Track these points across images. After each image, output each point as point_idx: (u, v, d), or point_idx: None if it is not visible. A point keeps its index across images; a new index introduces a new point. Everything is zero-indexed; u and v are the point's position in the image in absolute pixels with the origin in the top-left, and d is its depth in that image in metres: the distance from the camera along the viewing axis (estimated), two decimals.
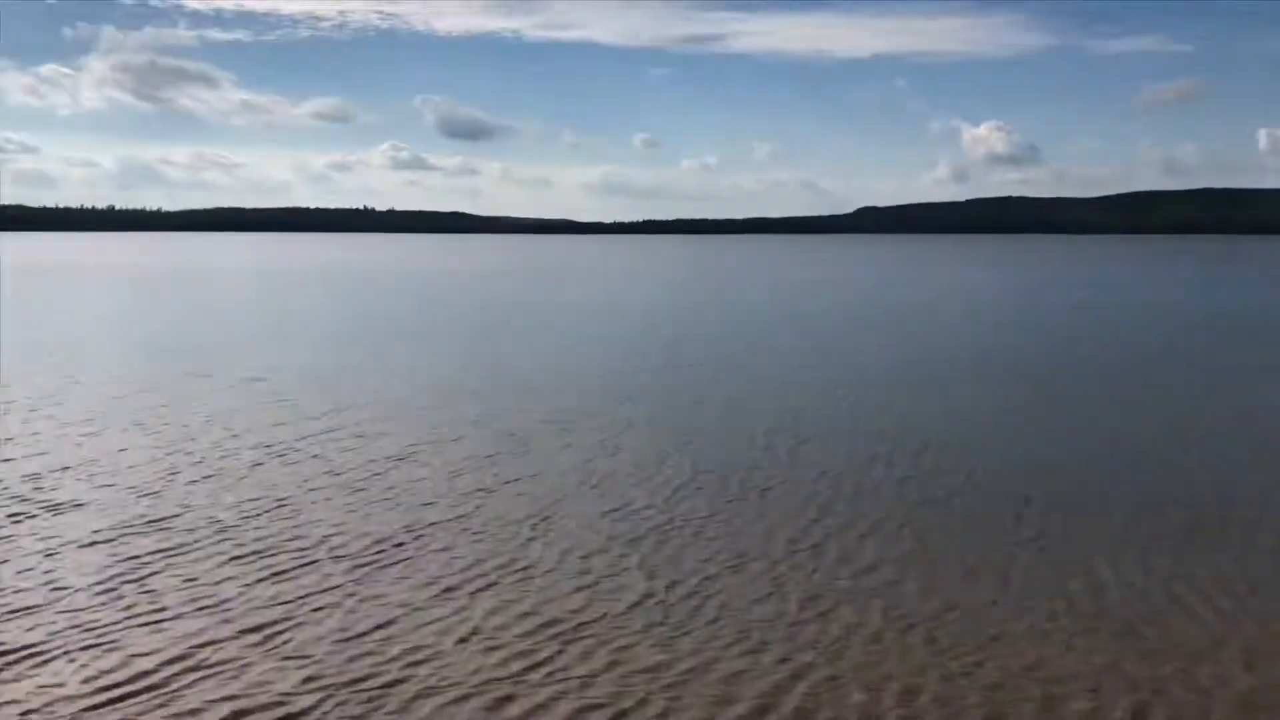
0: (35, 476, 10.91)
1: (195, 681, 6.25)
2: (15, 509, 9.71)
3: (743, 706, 6.15)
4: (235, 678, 6.32)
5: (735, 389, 17.61)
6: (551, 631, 7.12)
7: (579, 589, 7.94)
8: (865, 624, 7.35)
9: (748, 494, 10.74)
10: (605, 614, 7.43)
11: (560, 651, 6.81)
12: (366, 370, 19.64)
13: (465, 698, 6.16)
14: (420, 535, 9.17)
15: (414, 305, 40.57)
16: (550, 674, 6.49)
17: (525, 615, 7.39)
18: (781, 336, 26.96)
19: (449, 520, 9.63)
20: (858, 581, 8.18)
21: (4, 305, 37.25)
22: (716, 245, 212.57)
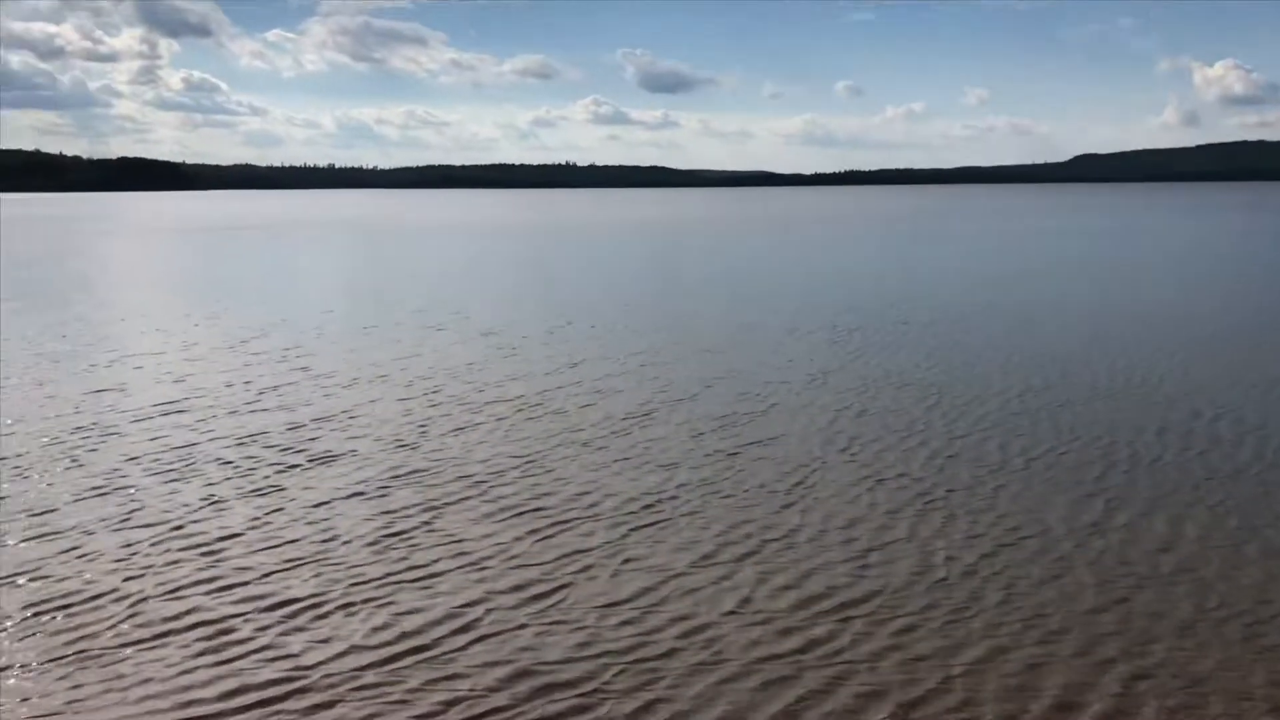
0: (296, 427, 11.37)
1: (469, 644, 6.21)
2: (279, 459, 10.10)
3: (1046, 700, 5.59)
4: (507, 642, 6.24)
5: (975, 348, 16.62)
6: (823, 606, 6.72)
7: (846, 561, 7.50)
8: (1171, 614, 6.59)
9: (1010, 461, 9.98)
10: (880, 590, 6.97)
11: (837, 630, 6.40)
12: (593, 325, 19.74)
13: (742, 675, 5.85)
14: (671, 497, 8.94)
15: (632, 259, 40.86)
16: (828, 654, 6.10)
17: (792, 587, 7.03)
18: (1016, 293, 25.43)
19: (698, 483, 9.37)
20: (1154, 564, 7.38)
21: (245, 260, 39.92)
22: (924, 195, 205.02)
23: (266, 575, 7.17)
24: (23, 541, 7.79)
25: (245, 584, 7.02)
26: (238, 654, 6.05)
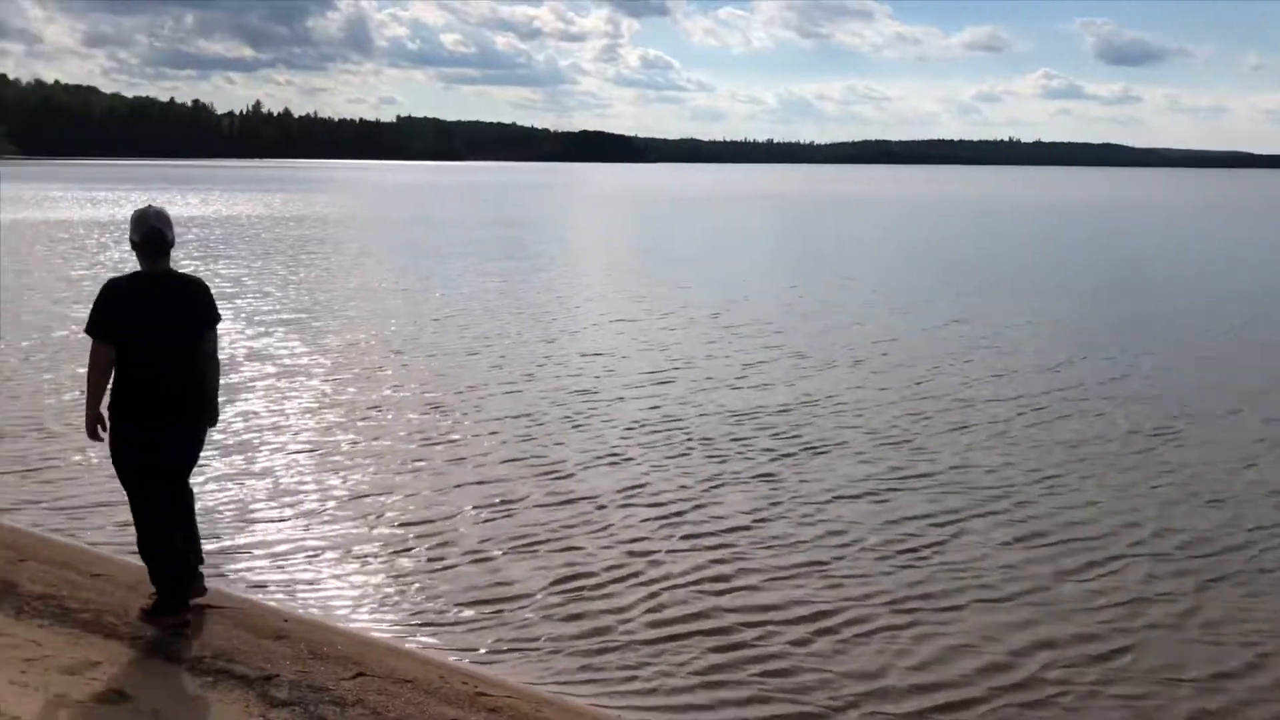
0: (785, 410, 10.98)
1: (1022, 708, 5.28)
2: (771, 444, 9.70)
3: None
4: (1063, 710, 5.23)
5: None
6: None
7: None
8: None
9: None
10: None
11: None
12: (1072, 317, 17.82)
13: None
14: (1243, 545, 7.36)
15: (1097, 245, 37.29)
16: None
17: None
18: None
19: (1271, 526, 7.70)
20: None
21: (701, 230, 41.33)
22: None
23: (774, 579, 6.67)
24: (542, 505, 7.96)
25: (754, 587, 6.56)
26: (748, 663, 5.57)
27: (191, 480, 5.55)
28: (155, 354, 5.03)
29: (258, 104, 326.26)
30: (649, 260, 27.81)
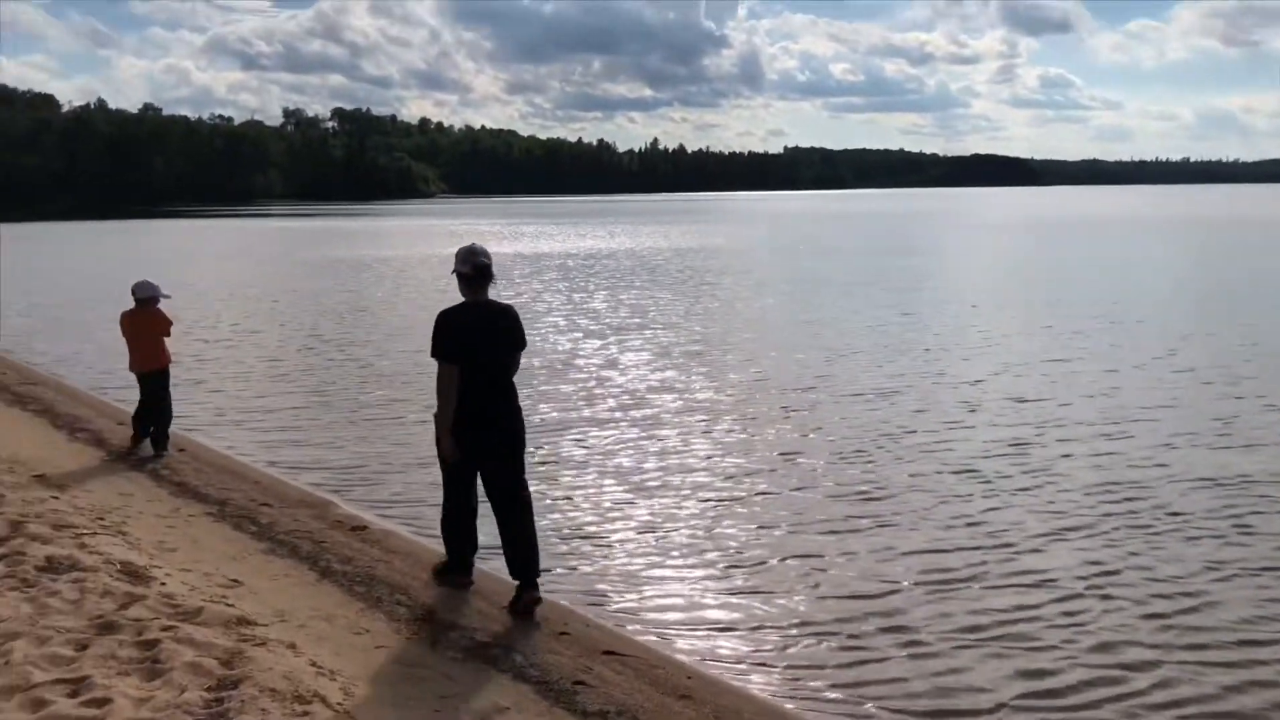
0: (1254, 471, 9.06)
1: None
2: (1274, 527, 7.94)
3: None
4: None
5: None
6: None
7: None
8: None
9: None
10: None
11: None
12: None
13: None
14: None
15: None
16: None
17: None
18: None
19: None
20: None
21: (1119, 260, 37.42)
22: None
23: None
24: (994, 587, 6.89)
25: None
26: None
27: (588, 509, 6.37)
28: (481, 371, 5.81)
29: (655, 141, 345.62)
30: (1066, 292, 25.32)
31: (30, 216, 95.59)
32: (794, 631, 6.13)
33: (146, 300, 9.97)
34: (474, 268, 5.89)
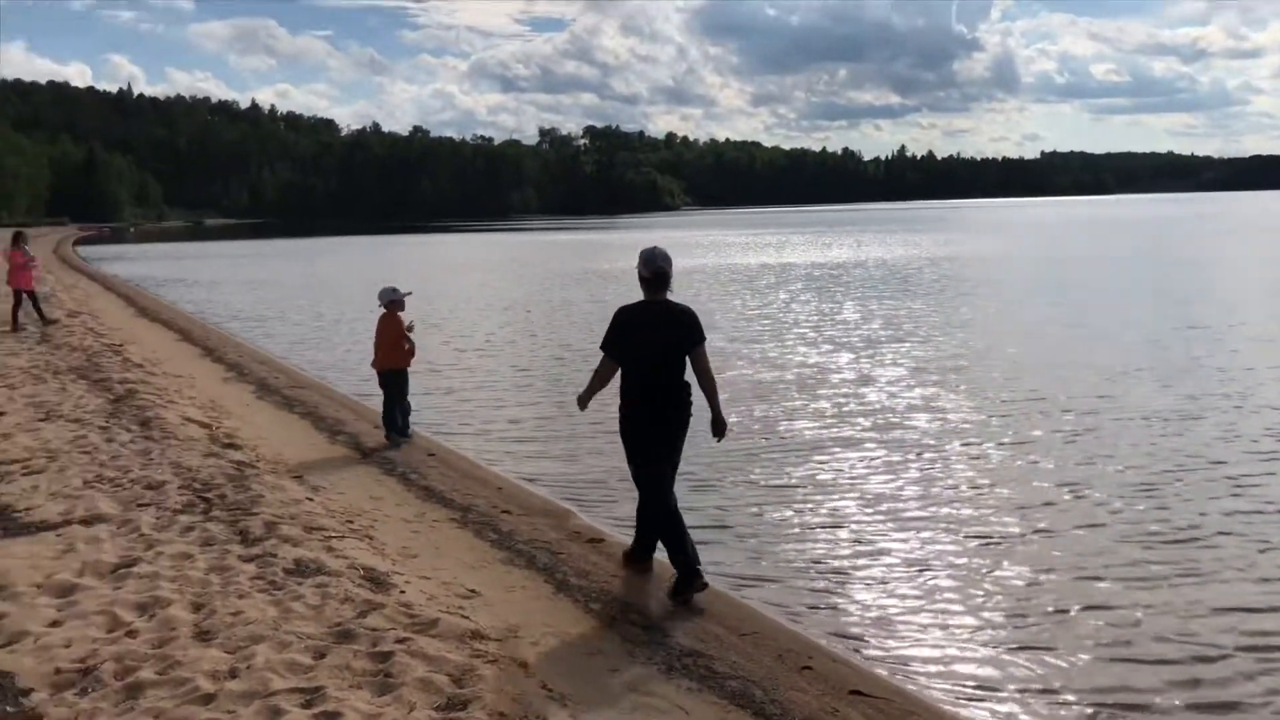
0: None
1: None
2: None
3: None
4: None
5: None
6: None
7: None
8: None
9: None
10: None
11: None
12: None
13: None
14: None
15: None
16: None
17: None
18: None
19: None
20: None
21: None
22: None
23: None
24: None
25: None
26: None
27: (839, 539, 6.76)
28: (648, 363, 6.26)
29: (902, 148, 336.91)
30: None
31: (314, 231, 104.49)
32: (1073, 698, 5.25)
33: (390, 304, 10.55)
34: (653, 272, 6.31)
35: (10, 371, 13.70)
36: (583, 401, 6.62)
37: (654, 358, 6.24)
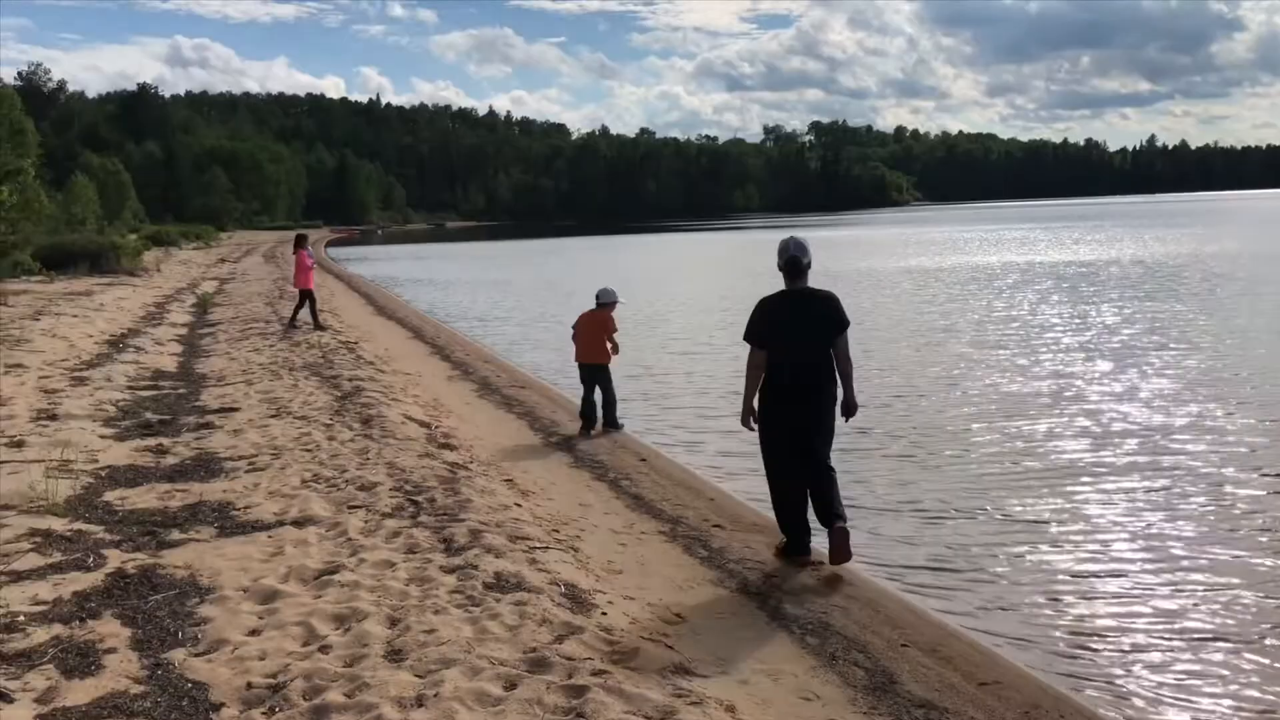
0: None
1: None
2: None
3: None
4: None
5: None
6: None
7: None
8: None
9: None
10: None
11: None
12: None
13: None
14: None
15: None
16: None
17: None
18: None
19: None
20: None
21: None
22: None
23: None
24: None
25: None
26: None
27: (1102, 583, 6.23)
28: (791, 352, 6.45)
29: (1152, 138, 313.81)
30: None
31: (544, 233, 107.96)
32: None
33: (605, 305, 11.10)
34: (786, 261, 6.59)
35: (252, 368, 14.41)
36: (747, 413, 6.75)
37: (796, 344, 6.46)
